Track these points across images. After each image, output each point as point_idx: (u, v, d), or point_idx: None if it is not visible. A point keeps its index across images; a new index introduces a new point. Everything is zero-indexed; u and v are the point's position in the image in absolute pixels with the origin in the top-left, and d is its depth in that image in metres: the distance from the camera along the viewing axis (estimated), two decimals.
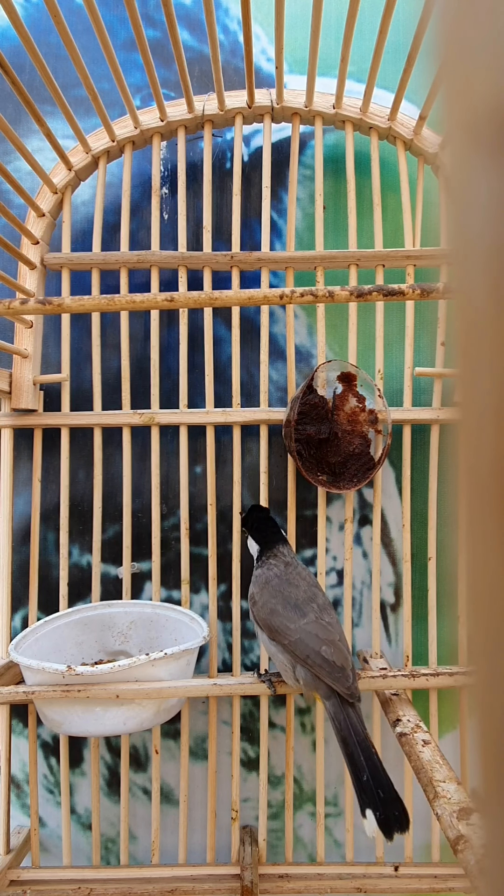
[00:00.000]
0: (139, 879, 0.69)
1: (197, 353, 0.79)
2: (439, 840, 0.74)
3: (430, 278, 0.77)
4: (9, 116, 0.79)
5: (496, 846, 0.14)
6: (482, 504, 0.13)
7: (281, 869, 0.71)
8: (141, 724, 0.60)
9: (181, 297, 0.49)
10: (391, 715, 0.63)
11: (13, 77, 0.56)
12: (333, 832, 0.79)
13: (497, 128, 0.12)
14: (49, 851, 0.78)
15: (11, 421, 0.74)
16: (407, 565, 0.74)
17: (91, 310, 0.50)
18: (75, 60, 0.59)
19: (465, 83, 0.13)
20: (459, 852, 0.43)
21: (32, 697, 0.59)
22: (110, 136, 0.74)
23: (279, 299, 0.49)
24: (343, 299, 0.49)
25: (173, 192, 0.81)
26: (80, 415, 0.75)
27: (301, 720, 0.79)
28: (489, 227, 0.13)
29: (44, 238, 0.75)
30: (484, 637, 0.14)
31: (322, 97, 0.75)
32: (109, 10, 0.81)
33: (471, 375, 0.14)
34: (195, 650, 0.63)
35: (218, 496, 0.77)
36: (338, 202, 0.81)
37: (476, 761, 0.14)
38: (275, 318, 0.80)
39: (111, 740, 0.78)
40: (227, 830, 0.77)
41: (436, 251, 0.74)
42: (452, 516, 0.78)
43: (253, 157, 0.82)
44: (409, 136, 0.75)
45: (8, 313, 0.50)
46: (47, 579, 0.77)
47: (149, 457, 0.77)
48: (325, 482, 0.70)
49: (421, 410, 0.74)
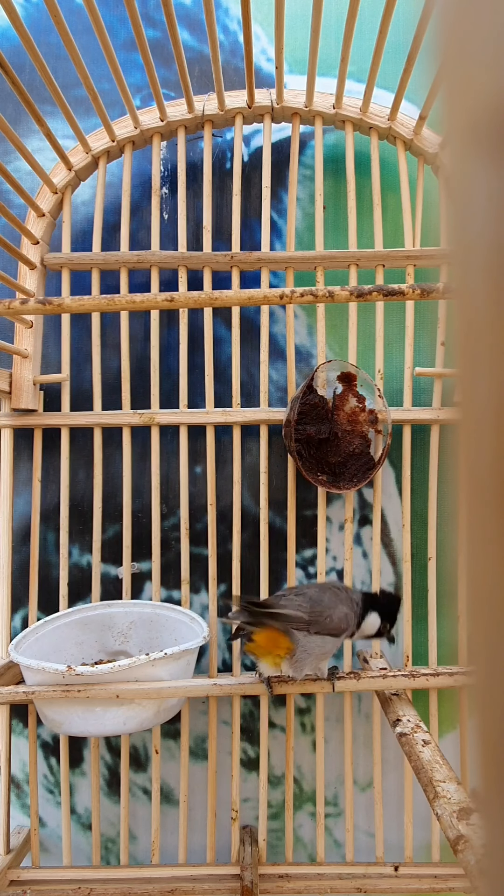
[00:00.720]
0: (139, 879, 0.69)
1: (197, 353, 0.79)
2: (439, 840, 0.74)
3: (430, 278, 0.77)
4: (9, 116, 0.79)
5: (496, 846, 0.14)
6: (482, 504, 0.13)
7: (281, 869, 0.71)
8: (141, 724, 0.60)
9: (181, 297, 0.49)
10: (391, 715, 0.63)
11: (13, 77, 0.56)
12: (333, 832, 0.79)
13: (497, 128, 0.12)
14: (49, 851, 0.78)
15: (11, 421, 0.74)
16: (407, 565, 0.74)
17: (91, 310, 0.50)
18: (75, 60, 0.59)
19: (465, 83, 0.13)
20: (459, 852, 0.43)
21: (32, 697, 0.59)
22: (110, 136, 0.74)
23: (279, 299, 0.49)
24: (343, 299, 0.49)
25: (173, 192, 0.81)
26: (80, 415, 0.75)
27: (301, 720, 0.79)
28: (489, 227, 0.13)
29: (44, 238, 0.75)
30: (484, 637, 0.14)
31: (322, 97, 0.75)
32: (109, 10, 0.81)
33: (471, 375, 0.14)
34: (195, 650, 0.63)
35: (218, 496, 0.77)
36: (338, 202, 0.81)
37: (476, 761, 0.14)
38: (275, 318, 0.80)
39: (111, 740, 0.78)
40: (227, 830, 0.77)
41: (436, 251, 0.74)
42: (452, 516, 0.78)
43: (253, 157, 0.82)
44: (409, 136, 0.75)
45: (8, 313, 0.50)
46: (47, 579, 0.77)
47: (149, 457, 0.77)
48: (325, 482, 0.70)
49: (421, 410, 0.74)
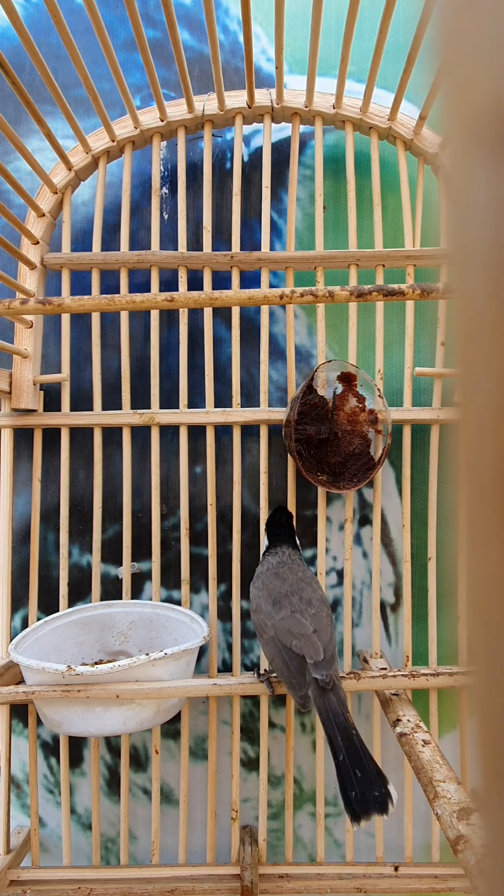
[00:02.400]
0: (139, 879, 0.69)
1: (197, 353, 0.79)
2: (439, 840, 0.74)
3: (430, 278, 0.77)
4: (9, 116, 0.79)
5: (496, 846, 0.14)
6: (482, 504, 0.13)
7: (281, 869, 0.71)
8: (141, 724, 0.60)
9: (181, 297, 0.49)
10: (391, 715, 0.63)
11: (13, 77, 0.56)
12: (333, 832, 0.79)
13: (497, 128, 0.12)
14: (49, 851, 0.78)
15: (11, 421, 0.74)
16: (407, 565, 0.74)
17: (91, 310, 0.50)
18: (75, 60, 0.59)
19: (465, 83, 0.13)
20: (459, 852, 0.43)
21: (32, 697, 0.59)
22: (110, 136, 0.74)
23: (279, 299, 0.49)
24: (343, 299, 0.49)
25: (173, 192, 0.81)
26: (80, 415, 0.75)
27: (301, 720, 0.79)
28: (489, 227, 0.13)
29: (44, 238, 0.75)
30: (484, 637, 0.14)
31: (322, 97, 0.75)
32: (109, 10, 0.81)
33: (471, 375, 0.14)
34: (195, 650, 0.63)
35: (218, 496, 0.77)
36: (338, 202, 0.81)
37: (476, 761, 0.14)
38: (275, 318, 0.80)
39: (111, 740, 0.78)
40: (227, 830, 0.77)
41: (436, 251, 0.74)
42: (452, 516, 0.78)
43: (253, 157, 0.82)
44: (409, 136, 0.75)
45: (8, 313, 0.50)
46: (47, 579, 0.77)
47: (149, 457, 0.77)
48: (325, 482, 0.70)
49: (421, 410, 0.74)
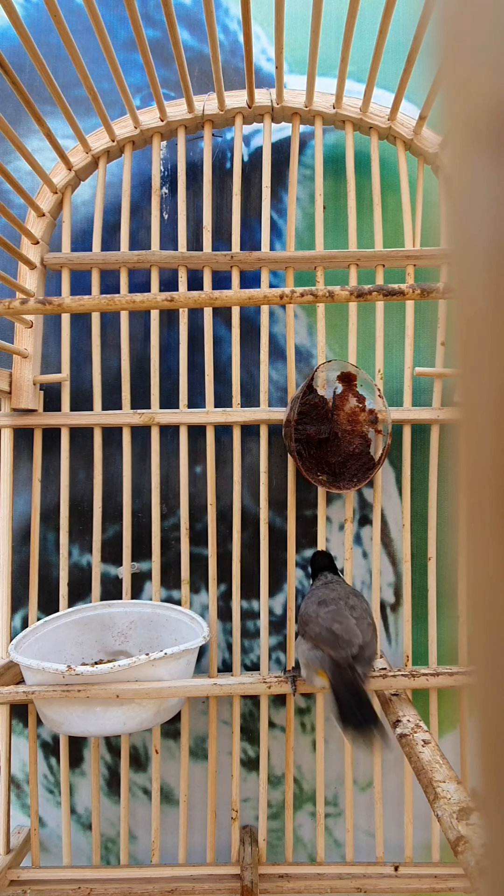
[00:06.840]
0: (139, 879, 0.69)
1: (197, 353, 0.79)
2: (439, 840, 0.74)
3: (430, 278, 0.77)
4: (9, 116, 0.79)
5: (496, 846, 0.14)
6: (482, 504, 0.13)
7: (281, 869, 0.71)
8: (141, 724, 0.60)
9: (181, 297, 0.49)
10: (391, 715, 0.63)
11: (13, 77, 0.56)
12: (333, 832, 0.79)
13: (497, 128, 0.12)
14: (49, 851, 0.78)
15: (11, 421, 0.74)
16: (407, 565, 0.74)
17: (91, 310, 0.50)
18: (75, 60, 0.59)
19: (465, 83, 0.13)
20: (459, 853, 0.43)
21: (32, 697, 0.59)
22: (110, 136, 0.74)
23: (279, 299, 0.49)
24: (343, 299, 0.49)
25: (173, 192, 0.81)
26: (80, 415, 0.75)
27: (301, 720, 0.79)
28: (489, 227, 0.13)
29: (44, 238, 0.75)
30: (484, 637, 0.14)
31: (322, 97, 0.75)
32: (109, 10, 0.81)
33: (471, 375, 0.14)
34: (195, 650, 0.63)
35: (218, 496, 0.77)
36: (338, 202, 0.81)
37: (476, 761, 0.14)
38: (275, 318, 0.80)
39: (111, 740, 0.78)
40: (227, 830, 0.77)
41: (436, 251, 0.74)
42: (452, 516, 0.78)
43: (253, 157, 0.82)
44: (409, 136, 0.75)
45: (8, 313, 0.50)
46: (47, 579, 0.77)
47: (149, 457, 0.77)
48: (325, 482, 0.70)
49: (421, 410, 0.74)
